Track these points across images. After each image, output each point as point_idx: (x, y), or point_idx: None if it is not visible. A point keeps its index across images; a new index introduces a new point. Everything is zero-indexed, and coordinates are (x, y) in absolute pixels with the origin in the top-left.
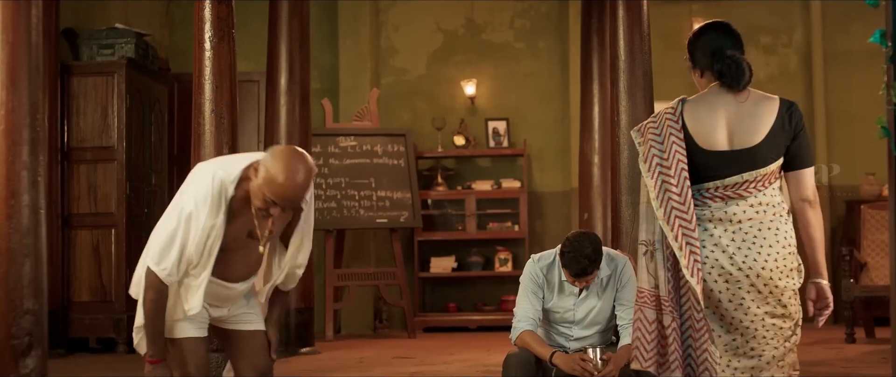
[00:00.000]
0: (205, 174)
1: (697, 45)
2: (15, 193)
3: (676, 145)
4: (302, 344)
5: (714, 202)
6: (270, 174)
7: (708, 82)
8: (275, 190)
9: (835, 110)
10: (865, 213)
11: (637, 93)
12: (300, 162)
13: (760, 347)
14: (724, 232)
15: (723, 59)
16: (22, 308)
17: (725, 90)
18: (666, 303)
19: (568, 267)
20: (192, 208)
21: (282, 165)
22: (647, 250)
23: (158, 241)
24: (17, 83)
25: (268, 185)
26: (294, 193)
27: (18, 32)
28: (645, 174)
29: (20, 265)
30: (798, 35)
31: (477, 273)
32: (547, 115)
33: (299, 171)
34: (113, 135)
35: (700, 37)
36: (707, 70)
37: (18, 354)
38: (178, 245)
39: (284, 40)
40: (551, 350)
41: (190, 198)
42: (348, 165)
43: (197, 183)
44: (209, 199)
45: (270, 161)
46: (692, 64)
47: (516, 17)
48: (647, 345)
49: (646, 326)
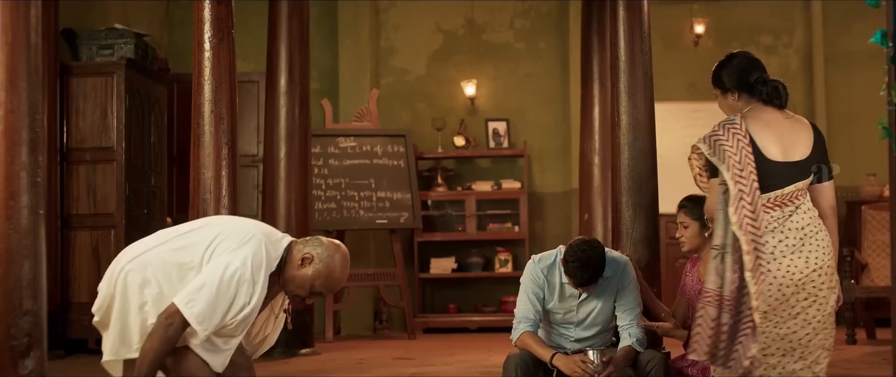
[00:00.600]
0: (257, 241)
1: (728, 71)
2: (14, 194)
3: (747, 156)
4: (301, 345)
5: (773, 211)
6: (328, 269)
7: (745, 103)
8: (327, 283)
9: (835, 111)
10: (866, 214)
11: (638, 93)
12: (346, 257)
13: (812, 346)
14: (779, 241)
15: (768, 82)
16: (21, 309)
17: (769, 108)
18: (727, 303)
19: (572, 276)
20: (248, 275)
21: (338, 262)
22: (717, 254)
23: (206, 291)
24: (16, 84)
25: (323, 278)
26: (340, 285)
27: (17, 32)
28: (728, 180)
29: (19, 266)
30: (799, 35)
31: (477, 274)
32: (547, 115)
33: (347, 265)
34: (112, 135)
35: (730, 62)
36: (743, 91)
37: (17, 355)
38: (226, 305)
39: (284, 41)
40: (551, 351)
41: (243, 262)
42: (348, 166)
43: (248, 246)
44: (263, 270)
45: (325, 255)
46: (722, 89)
47: (516, 17)
48: (706, 340)
49: (707, 323)
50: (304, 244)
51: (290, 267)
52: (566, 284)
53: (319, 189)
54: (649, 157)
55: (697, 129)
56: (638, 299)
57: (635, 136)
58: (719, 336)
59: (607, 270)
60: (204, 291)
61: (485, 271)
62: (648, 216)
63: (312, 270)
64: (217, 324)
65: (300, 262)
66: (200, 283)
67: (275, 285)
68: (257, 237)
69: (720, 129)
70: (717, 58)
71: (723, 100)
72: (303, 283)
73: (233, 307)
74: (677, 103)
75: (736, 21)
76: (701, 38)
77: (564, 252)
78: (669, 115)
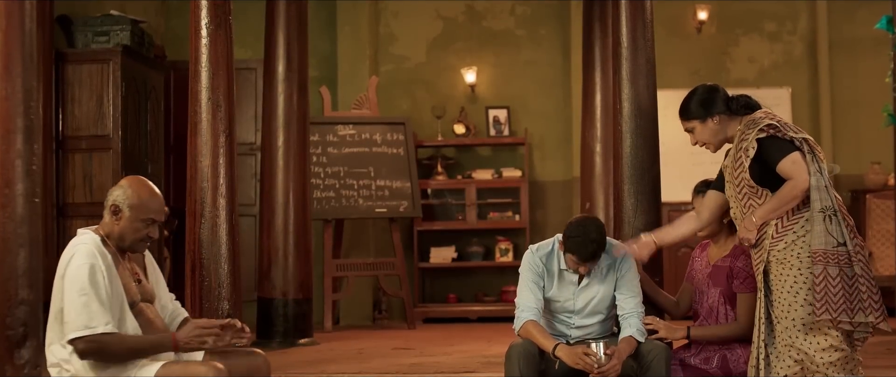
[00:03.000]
0: (73, 247)
1: (697, 100)
2: (9, 182)
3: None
4: (300, 335)
5: None
6: (137, 197)
7: (728, 119)
8: (147, 207)
9: (840, 98)
10: (871, 203)
11: (640, 80)
12: (141, 179)
13: None
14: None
15: (736, 98)
16: (17, 298)
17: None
18: (854, 256)
19: (575, 252)
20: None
21: (139, 187)
22: (826, 215)
23: (73, 305)
24: (11, 71)
25: (141, 207)
26: (160, 202)
27: (12, 19)
28: (819, 152)
29: (15, 255)
30: (803, 22)
31: (477, 263)
32: (548, 103)
33: (148, 183)
34: (108, 123)
35: (694, 95)
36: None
37: (13, 345)
38: (101, 295)
39: (282, 27)
40: (554, 342)
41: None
42: (347, 154)
43: (73, 259)
44: (94, 246)
45: (125, 192)
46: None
47: (517, 3)
48: (834, 298)
49: (831, 282)
50: (105, 203)
51: (113, 229)
52: (565, 271)
53: (318, 177)
54: (652, 146)
55: None
56: (638, 287)
57: (637, 124)
58: (852, 288)
59: (606, 257)
60: (72, 306)
61: (485, 261)
62: (651, 205)
63: (127, 209)
64: (106, 313)
65: (114, 217)
66: (67, 306)
67: (120, 260)
68: (64, 254)
69: (774, 116)
70: (720, 45)
71: (702, 128)
72: (131, 227)
73: (104, 292)
74: (680, 91)
75: (739, 8)
76: (704, 24)
77: (565, 230)
78: (672, 102)
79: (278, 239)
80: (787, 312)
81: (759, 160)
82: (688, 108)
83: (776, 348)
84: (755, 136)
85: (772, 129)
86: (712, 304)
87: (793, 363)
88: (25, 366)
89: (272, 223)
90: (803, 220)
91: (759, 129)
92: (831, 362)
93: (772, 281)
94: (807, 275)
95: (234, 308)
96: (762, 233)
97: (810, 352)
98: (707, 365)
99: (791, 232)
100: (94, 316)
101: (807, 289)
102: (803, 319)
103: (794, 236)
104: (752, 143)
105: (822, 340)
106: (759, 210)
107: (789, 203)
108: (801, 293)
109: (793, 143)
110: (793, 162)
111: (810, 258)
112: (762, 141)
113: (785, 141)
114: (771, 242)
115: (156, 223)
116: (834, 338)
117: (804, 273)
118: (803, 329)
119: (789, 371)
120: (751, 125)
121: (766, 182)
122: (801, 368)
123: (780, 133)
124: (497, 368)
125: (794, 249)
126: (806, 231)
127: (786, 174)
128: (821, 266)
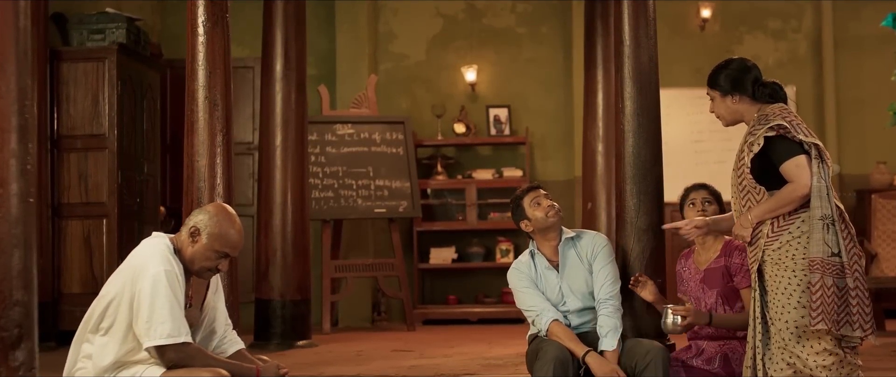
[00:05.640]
0: (148, 250)
1: (726, 73)
2: (3, 182)
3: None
4: (298, 337)
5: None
6: (220, 228)
7: (749, 105)
8: (225, 242)
9: (845, 97)
10: (876, 203)
11: (642, 79)
12: (230, 211)
13: None
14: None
15: (766, 84)
16: (11, 300)
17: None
18: (848, 268)
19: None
20: (169, 270)
21: (225, 219)
22: (825, 223)
23: (154, 310)
24: (5, 69)
25: (219, 239)
26: (239, 238)
27: (6, 17)
28: (827, 158)
29: (9, 256)
30: (808, 20)
31: (478, 264)
32: (549, 102)
33: (234, 217)
34: (104, 122)
35: (729, 66)
36: (743, 94)
37: (8, 347)
38: (179, 303)
39: (280, 25)
40: (585, 348)
41: (155, 271)
42: (346, 154)
43: (147, 262)
44: (171, 258)
45: (209, 218)
46: (722, 92)
47: (518, 1)
48: (828, 308)
49: (826, 291)
50: (187, 223)
51: (185, 249)
52: (548, 269)
53: (316, 177)
54: (654, 145)
55: (703, 116)
56: (615, 273)
57: (640, 123)
58: (845, 300)
59: (588, 244)
60: (155, 312)
61: (486, 261)
62: (653, 205)
63: (205, 237)
64: (185, 322)
65: (191, 239)
66: (147, 311)
67: (184, 278)
68: (142, 251)
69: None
70: (724, 43)
71: (721, 102)
72: (204, 254)
73: (181, 302)
74: (683, 89)
75: (743, 5)
76: (707, 22)
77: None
78: (675, 101)
79: (276, 239)
80: (781, 314)
81: (763, 157)
82: (716, 78)
83: (770, 349)
84: (764, 133)
85: (781, 128)
86: (710, 308)
87: (786, 366)
88: (20, 369)
89: (270, 223)
90: (799, 221)
91: (769, 126)
92: (824, 366)
93: (766, 281)
94: (801, 278)
95: (232, 309)
96: (757, 231)
97: (803, 356)
98: (709, 365)
99: (786, 232)
100: (178, 324)
101: (800, 292)
102: (796, 322)
103: (788, 237)
104: (759, 140)
105: (815, 344)
106: (756, 209)
107: (787, 206)
108: (795, 296)
109: (801, 146)
110: (797, 165)
111: (805, 260)
112: (770, 139)
113: (793, 142)
114: (766, 241)
115: (229, 257)
116: (827, 342)
117: (798, 275)
118: (796, 332)
119: (782, 374)
120: (763, 120)
121: (765, 180)
122: (794, 372)
123: (790, 134)
124: (498, 370)
125: (789, 250)
126: (802, 232)
127: (788, 176)
128: (818, 274)
